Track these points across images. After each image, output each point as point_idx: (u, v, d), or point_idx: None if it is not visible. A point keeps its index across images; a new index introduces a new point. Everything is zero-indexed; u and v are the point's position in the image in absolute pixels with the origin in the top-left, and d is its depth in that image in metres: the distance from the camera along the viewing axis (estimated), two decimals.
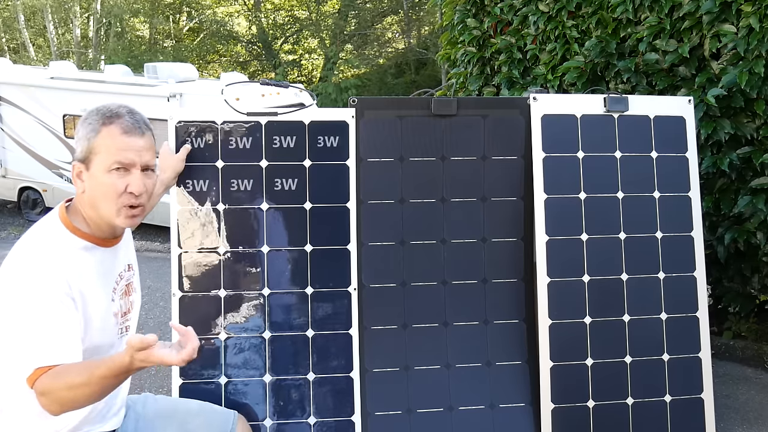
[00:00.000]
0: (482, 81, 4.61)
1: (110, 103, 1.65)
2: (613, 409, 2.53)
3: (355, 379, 2.44)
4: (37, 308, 1.48)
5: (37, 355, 1.46)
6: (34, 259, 1.52)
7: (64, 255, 1.56)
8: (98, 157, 1.60)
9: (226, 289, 2.42)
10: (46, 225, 1.62)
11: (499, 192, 2.59)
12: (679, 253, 2.61)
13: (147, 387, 3.57)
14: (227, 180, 2.45)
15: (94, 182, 1.61)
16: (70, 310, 1.53)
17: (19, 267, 1.52)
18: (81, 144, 1.61)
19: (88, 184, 1.62)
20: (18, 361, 1.48)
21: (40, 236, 1.59)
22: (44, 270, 1.51)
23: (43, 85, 10.16)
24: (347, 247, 2.48)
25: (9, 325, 1.49)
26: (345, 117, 2.51)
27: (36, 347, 1.47)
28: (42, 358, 1.46)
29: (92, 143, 1.60)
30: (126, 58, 18.41)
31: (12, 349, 1.50)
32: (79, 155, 1.61)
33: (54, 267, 1.52)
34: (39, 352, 1.46)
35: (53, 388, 1.43)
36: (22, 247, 1.56)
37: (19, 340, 1.48)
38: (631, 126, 2.63)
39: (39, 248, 1.55)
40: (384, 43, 23.09)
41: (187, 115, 2.44)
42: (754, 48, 3.12)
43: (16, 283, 1.50)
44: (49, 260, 1.53)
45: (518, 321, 2.58)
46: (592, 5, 3.79)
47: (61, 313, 1.50)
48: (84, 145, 1.61)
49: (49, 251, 1.55)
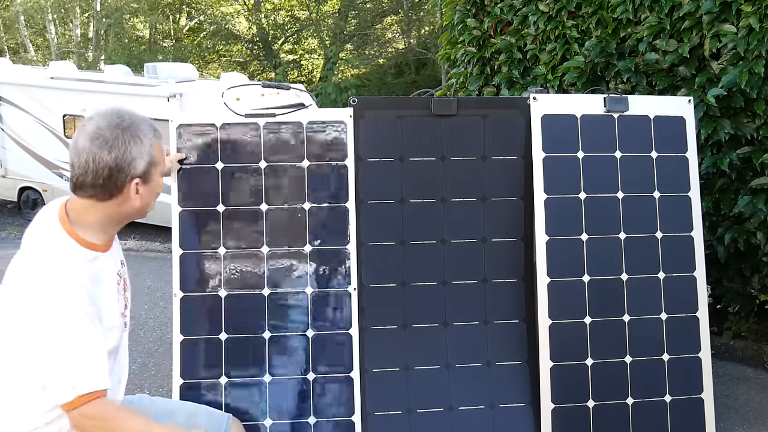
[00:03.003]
0: (482, 81, 4.61)
1: (132, 110, 1.67)
2: (613, 409, 2.53)
3: (355, 379, 2.44)
4: (70, 332, 1.50)
5: (80, 382, 1.51)
6: (55, 280, 1.52)
7: (82, 272, 1.57)
8: (157, 167, 1.68)
9: (227, 290, 2.43)
10: (55, 241, 1.59)
11: (499, 192, 2.59)
12: (679, 253, 2.61)
13: (147, 387, 3.58)
14: (227, 181, 2.45)
15: (149, 192, 1.68)
16: (97, 329, 1.56)
17: (41, 289, 1.51)
18: (141, 161, 1.62)
19: (145, 196, 1.67)
20: (54, 386, 1.51)
21: (53, 255, 1.56)
22: (69, 291, 1.52)
23: (43, 85, 10.16)
24: (347, 247, 2.48)
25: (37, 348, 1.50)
26: (343, 117, 2.52)
27: (76, 373, 1.51)
28: (86, 384, 1.51)
29: (153, 158, 1.66)
30: (126, 58, 18.41)
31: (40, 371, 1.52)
32: (140, 172, 1.63)
33: (77, 287, 1.53)
34: (82, 379, 1.51)
35: (112, 416, 1.54)
36: (35, 267, 1.54)
37: (53, 365, 1.50)
38: (631, 126, 2.63)
39: (57, 269, 1.54)
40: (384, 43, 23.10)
41: (188, 118, 2.46)
42: (754, 48, 3.12)
43: (40, 306, 1.49)
44: (70, 281, 1.53)
45: (518, 321, 2.58)
46: (592, 5, 3.79)
47: (92, 334, 1.54)
48: (146, 160, 1.64)
49: (68, 271, 1.54)
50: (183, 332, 2.40)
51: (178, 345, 2.39)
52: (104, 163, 1.55)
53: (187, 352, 2.39)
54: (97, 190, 1.59)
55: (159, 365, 3.88)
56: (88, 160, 1.55)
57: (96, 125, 1.59)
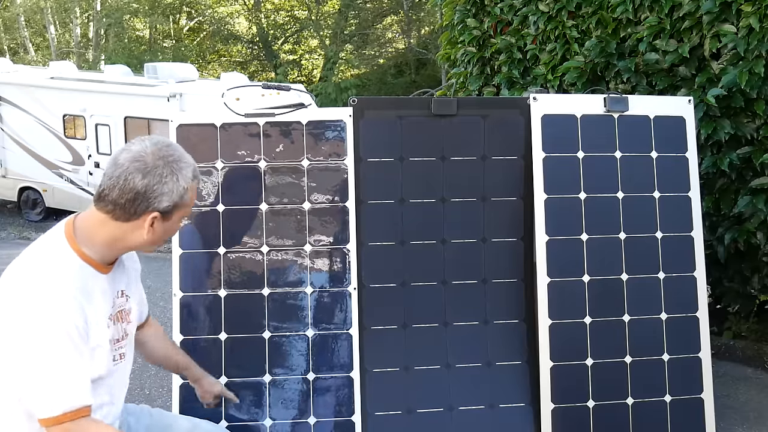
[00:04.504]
0: (482, 81, 4.61)
1: (184, 152, 1.63)
2: (613, 409, 2.53)
3: (355, 379, 2.44)
4: (55, 345, 1.48)
5: (66, 398, 1.49)
6: (46, 290, 1.50)
7: (74, 282, 1.54)
8: (183, 210, 1.63)
9: (226, 290, 2.43)
10: (53, 249, 1.58)
11: (499, 192, 2.59)
12: (679, 253, 2.61)
13: (147, 386, 3.58)
14: (226, 181, 2.45)
15: (165, 231, 1.63)
16: (83, 345, 1.53)
17: (30, 298, 1.49)
18: (168, 198, 1.57)
19: (157, 232, 1.62)
20: (37, 401, 1.49)
21: (48, 262, 1.55)
22: (58, 303, 1.50)
23: (43, 85, 10.17)
24: (347, 247, 2.48)
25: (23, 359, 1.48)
26: (342, 116, 2.52)
27: (63, 389, 1.48)
28: (72, 401, 1.49)
29: (184, 200, 1.61)
30: (126, 58, 18.42)
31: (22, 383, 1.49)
32: (163, 207, 1.58)
33: (67, 299, 1.51)
34: (67, 395, 1.49)
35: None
36: (35, 274, 1.52)
37: (37, 378, 1.48)
38: (631, 126, 2.63)
39: (50, 276, 1.52)
40: (384, 43, 23.11)
41: (188, 118, 2.46)
42: (754, 48, 3.12)
43: (32, 315, 1.47)
44: (61, 291, 1.51)
45: (518, 321, 2.58)
46: (592, 5, 3.79)
47: (77, 349, 1.51)
48: (174, 200, 1.59)
49: (61, 280, 1.52)
50: (183, 332, 2.40)
51: (178, 345, 2.39)
52: (134, 185, 1.53)
53: (187, 353, 2.38)
54: (117, 207, 1.56)
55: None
56: (120, 176, 1.53)
57: (143, 148, 1.57)
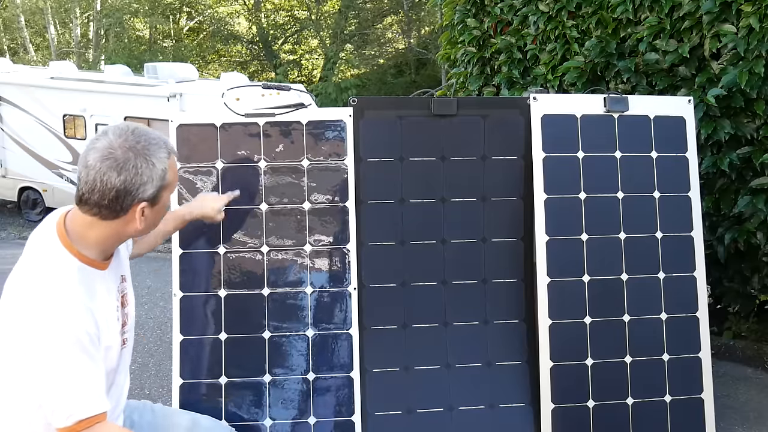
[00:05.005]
0: (482, 81, 4.61)
1: (150, 131, 1.58)
2: (613, 409, 2.53)
3: (355, 379, 2.44)
4: (69, 355, 1.46)
5: (81, 407, 1.47)
6: (55, 301, 1.48)
7: (81, 290, 1.52)
8: (169, 188, 1.60)
9: (226, 290, 2.43)
10: (54, 258, 1.55)
11: (499, 192, 2.59)
12: (679, 253, 2.61)
13: (148, 386, 3.58)
14: (226, 181, 2.45)
15: (155, 214, 1.61)
16: (97, 350, 1.52)
17: (40, 310, 1.47)
18: (150, 185, 1.53)
19: (150, 218, 1.60)
20: (52, 412, 1.47)
21: (52, 274, 1.52)
22: (69, 313, 1.47)
23: (43, 85, 10.17)
24: (347, 247, 2.48)
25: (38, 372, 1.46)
26: (342, 116, 2.51)
27: (77, 399, 1.47)
28: (86, 409, 1.48)
29: (165, 181, 1.57)
30: (126, 58, 18.42)
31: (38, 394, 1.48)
32: (148, 196, 1.54)
33: (77, 307, 1.49)
34: (81, 405, 1.48)
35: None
36: (35, 286, 1.50)
37: (51, 390, 1.46)
38: (631, 126, 2.63)
39: (57, 289, 1.50)
40: (384, 43, 23.11)
41: (188, 118, 2.46)
42: (754, 48, 3.12)
43: (42, 327, 1.45)
44: (71, 301, 1.49)
45: (518, 321, 2.58)
46: (592, 5, 3.79)
47: (91, 356, 1.50)
48: (156, 185, 1.55)
49: (68, 291, 1.50)
50: (183, 332, 2.40)
51: (178, 345, 2.39)
52: (112, 184, 1.48)
53: (187, 353, 2.39)
54: (102, 209, 1.52)
55: (159, 365, 3.88)
56: (96, 179, 1.48)
57: (108, 143, 1.50)
